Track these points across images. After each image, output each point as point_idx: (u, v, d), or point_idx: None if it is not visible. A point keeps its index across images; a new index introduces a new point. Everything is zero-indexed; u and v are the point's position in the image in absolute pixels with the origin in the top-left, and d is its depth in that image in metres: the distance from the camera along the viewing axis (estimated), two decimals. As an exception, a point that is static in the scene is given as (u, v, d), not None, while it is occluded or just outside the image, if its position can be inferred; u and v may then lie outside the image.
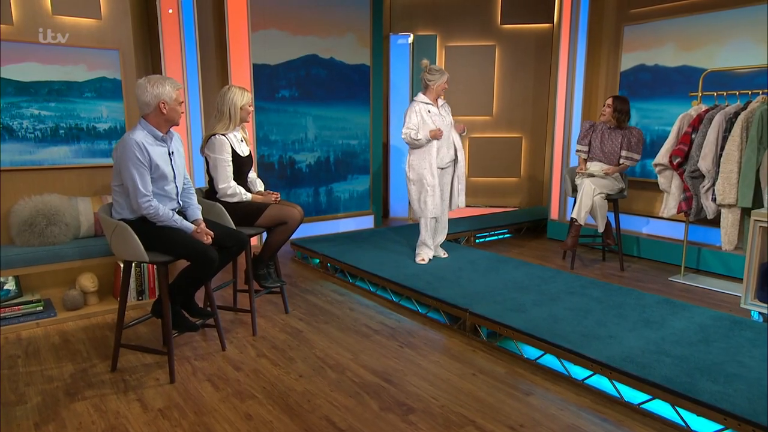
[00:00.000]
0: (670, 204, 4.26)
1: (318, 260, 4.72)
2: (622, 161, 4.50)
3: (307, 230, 5.76)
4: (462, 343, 3.18)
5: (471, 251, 4.72)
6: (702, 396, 2.20)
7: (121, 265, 3.62)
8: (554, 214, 5.86)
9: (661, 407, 2.35)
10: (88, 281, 3.65)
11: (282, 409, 2.44)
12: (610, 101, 4.48)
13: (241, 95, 3.23)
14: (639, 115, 5.12)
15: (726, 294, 3.99)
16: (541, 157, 6.93)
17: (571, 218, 4.50)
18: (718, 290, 4.06)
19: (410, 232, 5.51)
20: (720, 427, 2.14)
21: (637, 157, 4.49)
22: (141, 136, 2.59)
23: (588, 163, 4.66)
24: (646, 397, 2.39)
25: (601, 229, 4.55)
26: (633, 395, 2.45)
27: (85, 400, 2.51)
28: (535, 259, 4.96)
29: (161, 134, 2.67)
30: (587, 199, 4.37)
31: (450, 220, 6.20)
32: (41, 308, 3.47)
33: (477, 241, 5.74)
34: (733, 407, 2.12)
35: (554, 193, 5.83)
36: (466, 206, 6.96)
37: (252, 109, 3.35)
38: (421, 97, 4.28)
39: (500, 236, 5.99)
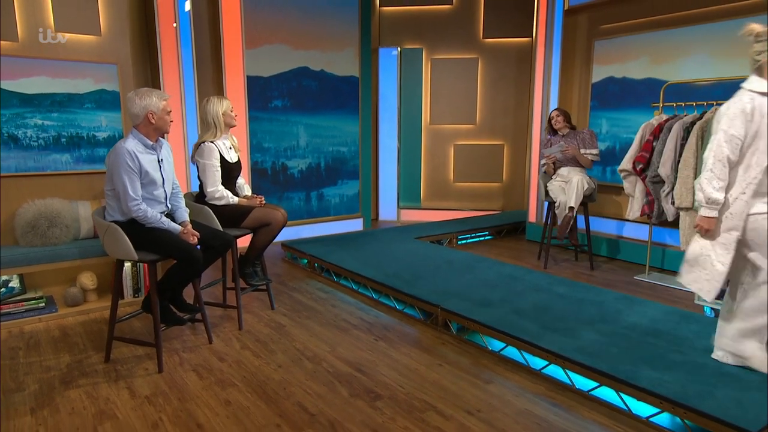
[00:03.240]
0: (634, 207, 4.36)
1: (306, 260, 4.83)
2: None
3: (298, 232, 5.88)
4: (433, 336, 3.28)
5: (450, 251, 4.82)
6: (641, 382, 2.30)
7: (119, 265, 3.74)
8: (532, 217, 5.96)
9: (607, 393, 2.45)
10: (88, 279, 3.76)
11: (259, 396, 2.54)
12: (556, 113, 4.74)
13: (220, 103, 3.33)
14: (608, 123, 5.23)
15: (686, 291, 4.08)
16: (522, 163, 7.04)
17: (569, 207, 4.47)
18: (679, 288, 4.16)
19: (394, 234, 5.62)
20: (657, 410, 2.24)
21: (595, 151, 4.68)
22: (132, 144, 2.70)
23: (557, 171, 4.78)
24: (594, 384, 2.49)
25: (572, 203, 4.44)
26: (583, 383, 2.55)
27: (79, 388, 2.62)
28: (511, 259, 5.07)
29: (151, 143, 2.78)
30: (579, 191, 4.45)
31: (433, 223, 6.35)
32: (43, 304, 3.58)
33: (459, 242, 5.84)
34: (667, 392, 2.22)
35: (532, 197, 5.93)
36: (448, 209, 7.10)
37: (235, 114, 3.43)
38: (754, 82, 2.33)
39: (481, 238, 6.09)
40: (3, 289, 3.55)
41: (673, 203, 4.02)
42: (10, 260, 3.43)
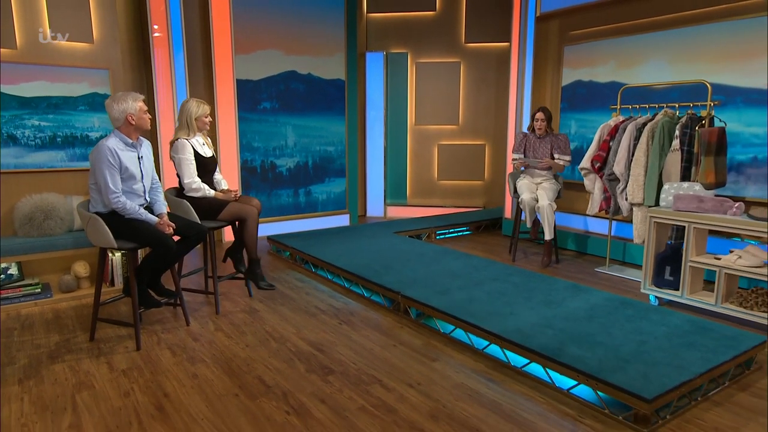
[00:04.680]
0: (593, 203, 4.54)
1: (288, 252, 5.04)
2: (556, 162, 4.79)
3: (287, 227, 6.09)
4: (393, 321, 3.47)
5: (423, 245, 5.01)
6: (564, 359, 2.49)
7: (110, 255, 3.98)
8: (508, 213, 6.14)
9: (536, 369, 2.64)
10: (81, 268, 3.99)
11: (224, 370, 2.75)
12: (541, 115, 4.76)
13: (197, 107, 3.52)
14: (577, 124, 5.40)
15: (638, 282, 4.25)
16: (502, 161, 7.19)
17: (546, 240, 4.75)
18: (633, 278, 4.33)
19: (375, 229, 5.81)
20: (575, 382, 2.43)
21: (567, 158, 4.79)
22: (113, 142, 2.92)
23: (528, 170, 4.95)
24: (525, 361, 2.68)
25: (549, 237, 4.71)
26: (517, 360, 2.74)
27: (64, 362, 2.84)
28: (484, 253, 5.25)
29: (131, 141, 3.00)
30: (550, 218, 4.67)
31: (415, 218, 6.53)
32: (39, 290, 3.81)
33: (437, 237, 6.03)
34: (586, 367, 2.40)
35: (508, 194, 6.09)
36: (432, 206, 7.28)
37: (208, 119, 3.60)
38: None
39: (460, 233, 6.28)
40: (2, 276, 3.78)
41: (626, 199, 4.18)
42: (9, 249, 3.67)
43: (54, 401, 2.45)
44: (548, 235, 4.69)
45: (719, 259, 3.35)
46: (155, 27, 5.05)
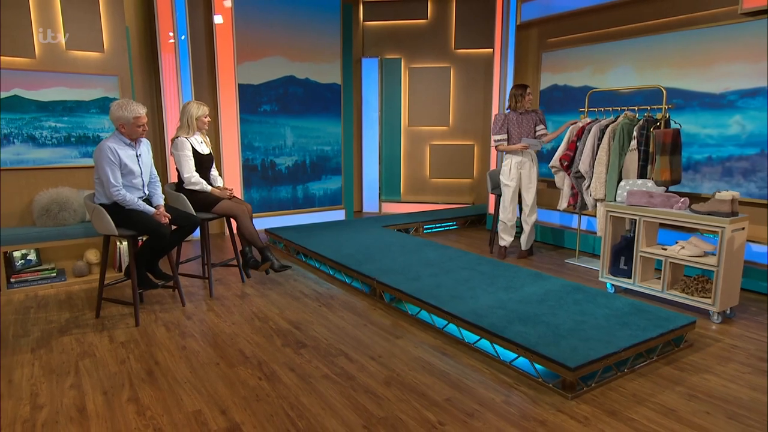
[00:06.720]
0: (563, 199, 4.72)
1: (283, 244, 5.28)
2: (538, 134, 4.81)
3: (285, 221, 6.34)
4: (369, 305, 3.70)
5: (408, 238, 5.22)
6: (508, 334, 2.70)
7: (118, 244, 4.26)
8: (491, 209, 6.32)
9: (485, 344, 2.85)
10: (93, 255, 4.28)
11: (209, 343, 3.00)
12: (529, 89, 4.79)
13: (197, 108, 3.76)
14: (554, 126, 5.55)
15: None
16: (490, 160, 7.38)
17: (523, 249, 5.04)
18: (597, 269, 4.50)
19: (366, 223, 6.04)
20: (515, 355, 2.64)
21: (543, 126, 4.81)
22: (112, 142, 3.18)
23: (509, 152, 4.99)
24: (476, 338, 2.89)
25: (525, 248, 5.03)
26: (471, 337, 2.95)
27: (71, 335, 3.12)
28: (465, 246, 5.45)
29: (129, 141, 3.25)
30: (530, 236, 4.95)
31: (403, 214, 6.74)
32: (55, 274, 4.10)
33: (425, 231, 6.23)
34: (525, 342, 2.61)
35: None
36: (425, 203, 7.48)
37: (207, 119, 3.84)
38: None
39: (447, 227, 6.47)
40: (22, 261, 4.08)
41: (591, 195, 4.36)
42: (27, 237, 3.96)
43: (60, 366, 2.71)
44: (525, 247, 4.97)
45: (666, 249, 3.53)
46: (170, 34, 5.33)
